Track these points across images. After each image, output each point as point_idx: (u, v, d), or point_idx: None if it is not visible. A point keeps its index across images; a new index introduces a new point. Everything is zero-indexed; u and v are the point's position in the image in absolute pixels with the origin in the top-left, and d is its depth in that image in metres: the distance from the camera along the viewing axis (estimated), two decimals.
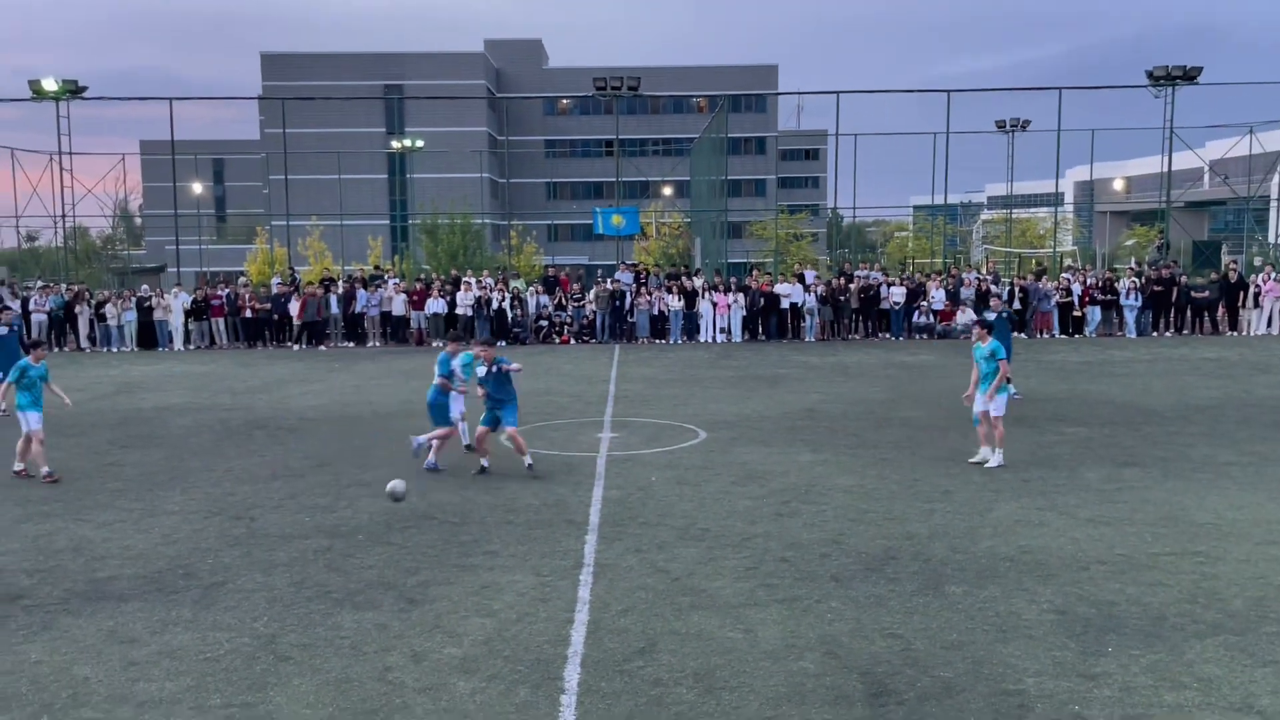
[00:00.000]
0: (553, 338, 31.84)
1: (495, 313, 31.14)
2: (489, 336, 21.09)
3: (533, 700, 6.34)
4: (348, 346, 30.93)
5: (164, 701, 6.37)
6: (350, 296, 31.68)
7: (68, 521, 10.65)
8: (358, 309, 31.57)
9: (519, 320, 31.59)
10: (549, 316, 32.01)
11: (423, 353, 29.02)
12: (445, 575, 8.77)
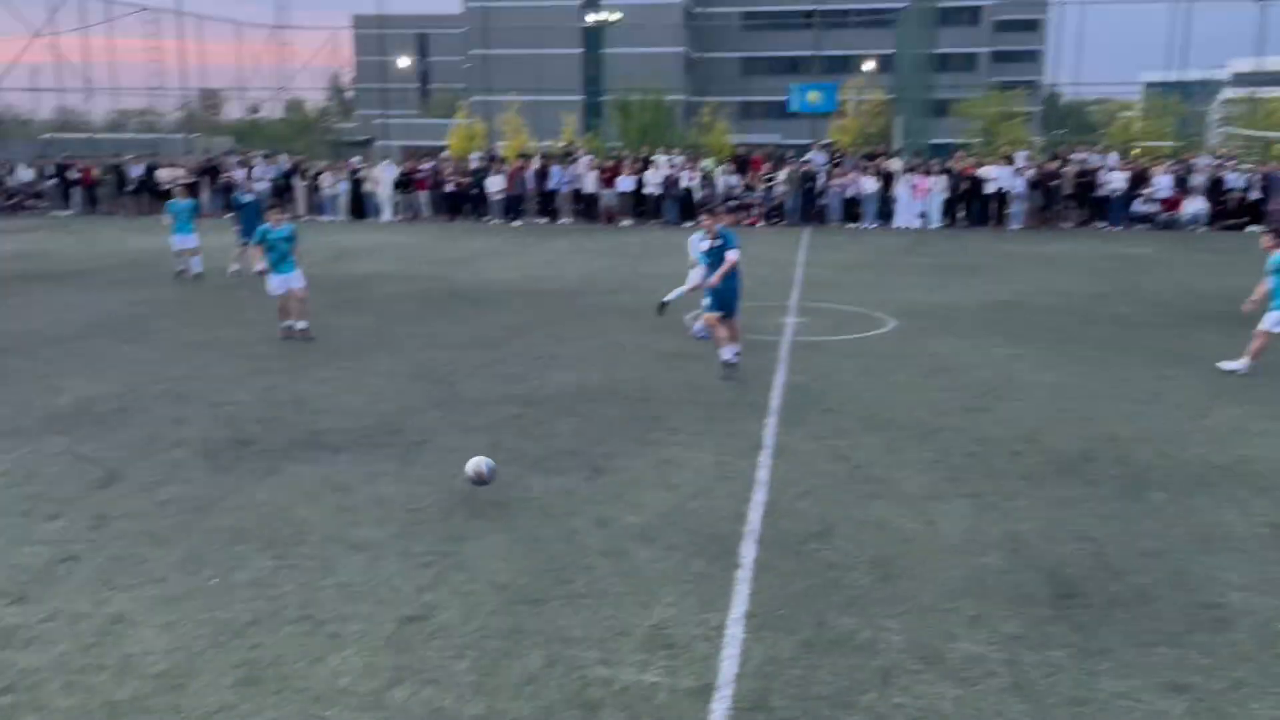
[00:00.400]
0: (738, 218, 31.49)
1: (683, 193, 31.02)
2: (724, 203, 19.68)
3: (708, 572, 6.54)
4: (541, 222, 31.69)
5: (372, 545, 6.96)
6: (544, 173, 32.27)
7: (290, 378, 11.59)
8: (551, 185, 32.16)
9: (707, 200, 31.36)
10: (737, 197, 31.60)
11: (612, 230, 29.41)
12: (629, 448, 9.05)
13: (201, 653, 5.55)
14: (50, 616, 5.94)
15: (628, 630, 5.80)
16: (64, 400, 10.60)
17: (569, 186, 32.12)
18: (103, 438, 9.31)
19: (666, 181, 30.98)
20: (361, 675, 5.32)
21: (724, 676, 5.34)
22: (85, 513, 7.51)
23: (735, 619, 5.95)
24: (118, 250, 23.38)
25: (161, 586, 6.33)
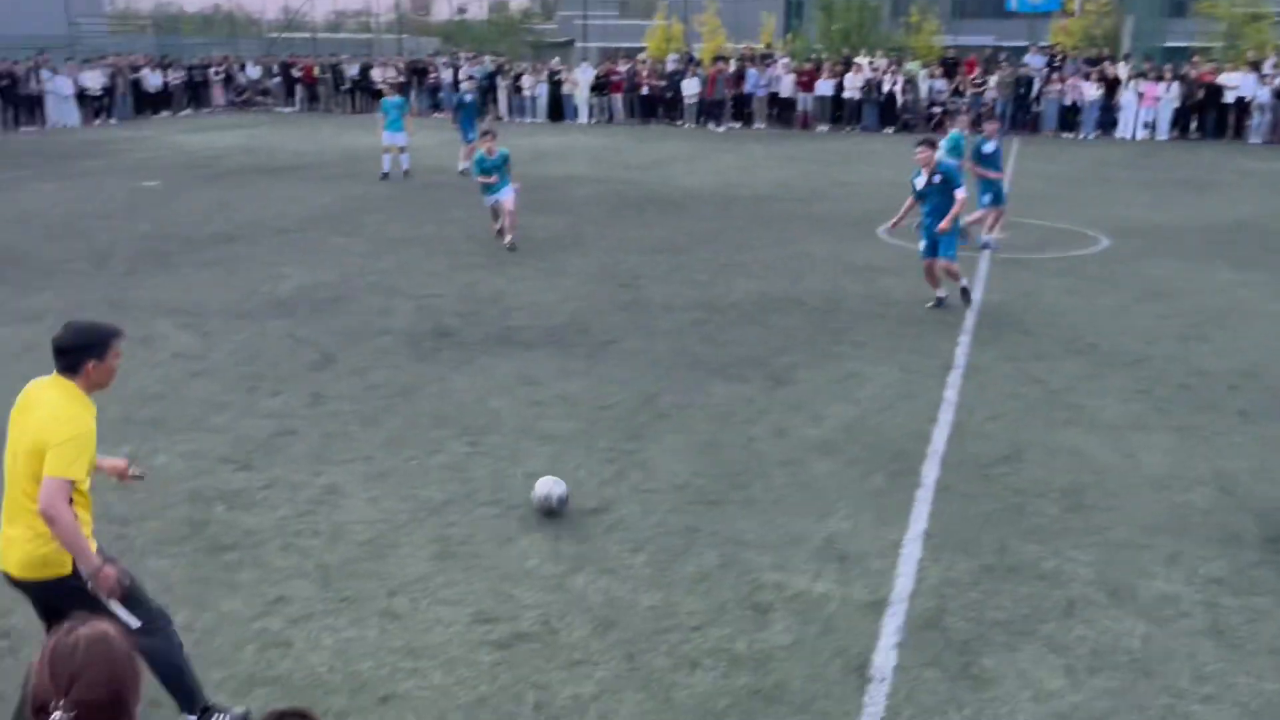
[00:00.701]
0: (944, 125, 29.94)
1: (884, 97, 29.71)
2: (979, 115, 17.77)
3: (887, 489, 6.46)
4: (735, 127, 31.21)
5: (559, 438, 7.25)
6: (740, 76, 31.61)
7: (488, 274, 12.06)
8: (747, 89, 31.50)
9: (909, 105, 29.93)
10: (943, 103, 29.99)
11: (808, 136, 28.64)
12: (812, 359, 8.97)
13: (402, 526, 5.98)
14: (271, 484, 6.54)
15: (801, 539, 5.84)
16: (285, 287, 11.44)
17: (765, 90, 31.36)
18: (319, 323, 10.02)
19: (867, 85, 29.75)
20: (545, 560, 5.61)
21: (898, 593, 5.31)
22: (303, 391, 8.16)
23: (912, 537, 5.87)
24: (334, 146, 24.75)
25: (368, 463, 6.84)
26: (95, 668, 1.92)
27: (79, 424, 3.78)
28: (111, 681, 1.93)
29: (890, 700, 4.47)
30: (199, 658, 4.71)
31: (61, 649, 1.93)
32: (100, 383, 3.96)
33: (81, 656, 1.91)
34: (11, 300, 10.79)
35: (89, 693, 1.89)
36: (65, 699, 1.87)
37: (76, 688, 1.88)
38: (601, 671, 4.65)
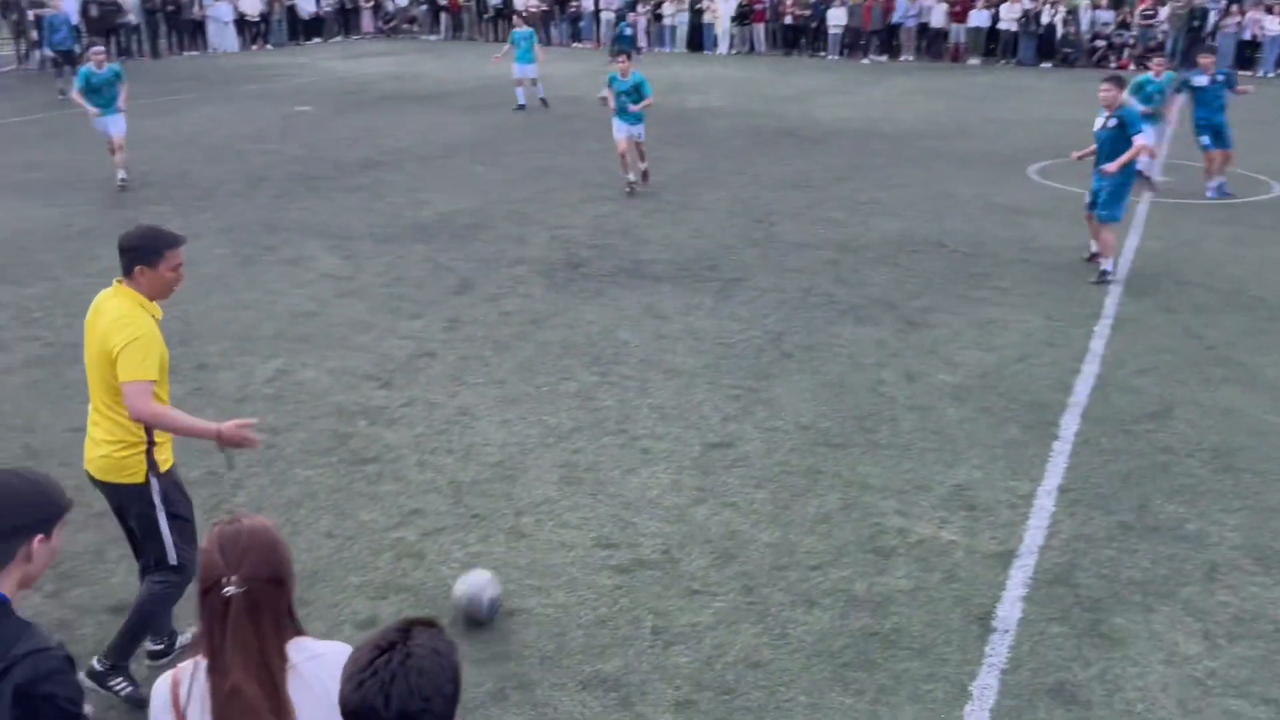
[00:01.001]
0: (1108, 60, 28.17)
1: (1043, 29, 28.09)
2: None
3: (1022, 440, 6.27)
4: (881, 60, 30.13)
5: (685, 372, 7.28)
6: (888, 6, 30.38)
7: (620, 207, 12.10)
8: (895, 19, 30.28)
9: (1069, 39, 28.22)
10: (1107, 36, 28.16)
11: (958, 69, 27.42)
12: (949, 304, 8.70)
13: (531, 450, 6.15)
14: (409, 402, 6.81)
15: (928, 486, 5.74)
16: (426, 213, 11.75)
17: (915, 20, 30.07)
18: (458, 249, 10.28)
19: (1024, 16, 28.15)
20: (668, 490, 5.69)
21: (1027, 545, 5.17)
22: (441, 315, 8.42)
23: (1047, 490, 5.70)
24: (475, 74, 25.07)
25: (501, 388, 7.03)
26: (259, 550, 2.17)
27: (137, 327, 3.75)
28: (273, 562, 2.19)
29: (1013, 653, 4.39)
30: (339, 563, 5.00)
31: (228, 534, 2.18)
32: (153, 291, 3.88)
33: (246, 540, 2.16)
34: (173, 218, 11.43)
35: (255, 570, 2.14)
36: (236, 575, 2.13)
37: (245, 565, 2.14)
38: (719, 602, 4.71)
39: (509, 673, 4.27)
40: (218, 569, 2.14)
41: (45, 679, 2.08)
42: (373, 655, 1.72)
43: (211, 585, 2.15)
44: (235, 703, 2.13)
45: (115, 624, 4.52)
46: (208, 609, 2.16)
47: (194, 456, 6.08)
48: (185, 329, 7.99)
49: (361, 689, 1.69)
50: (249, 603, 2.14)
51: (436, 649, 1.76)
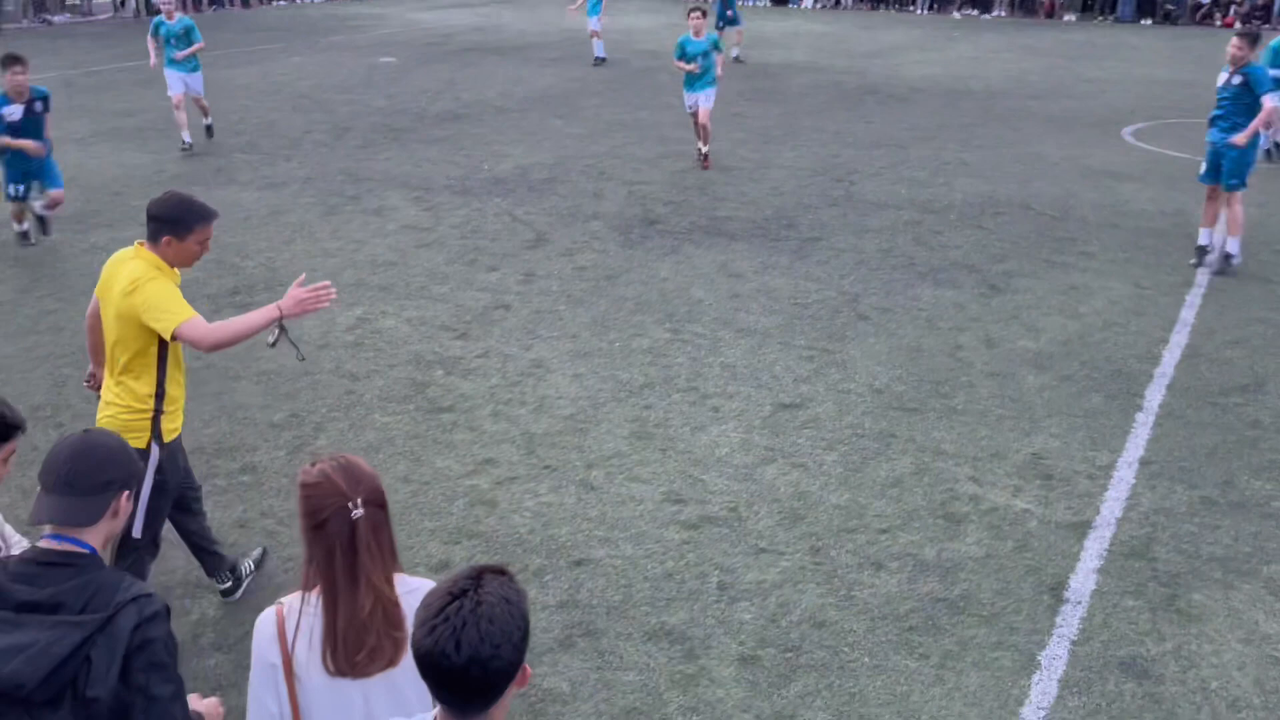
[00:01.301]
0: (1213, 17, 26.85)
1: None
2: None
3: (1104, 409, 6.12)
4: (972, 14, 29.18)
5: (758, 332, 7.25)
6: None
7: (698, 163, 12.00)
8: None
9: None
10: None
11: (1052, 25, 26.43)
12: (1033, 268, 8.48)
13: (602, 405, 6.21)
14: (485, 354, 6.91)
15: (1004, 454, 5.64)
16: (505, 166, 11.82)
17: None
18: (534, 203, 10.33)
19: None
20: (737, 449, 5.70)
21: (1104, 517, 5.07)
22: (517, 268, 8.49)
23: (1127, 462, 5.56)
24: (557, 27, 24.98)
25: (574, 342, 7.09)
26: (369, 477, 2.30)
27: (157, 283, 3.69)
28: (380, 489, 2.31)
29: (1084, 624, 4.33)
30: (414, 508, 5.13)
31: (336, 465, 2.29)
32: (176, 261, 3.81)
33: (356, 469, 2.29)
34: (261, 167, 11.68)
35: (372, 494, 2.27)
36: (358, 498, 2.24)
37: (363, 489, 2.26)
38: (786, 561, 4.72)
39: (576, 620, 4.35)
40: (340, 494, 2.22)
41: (149, 622, 2.18)
42: (445, 601, 1.76)
43: (333, 513, 2.21)
44: (376, 612, 2.21)
45: None
46: (328, 537, 2.21)
47: (278, 400, 6.28)
48: (270, 275, 8.21)
49: (433, 634, 1.74)
50: (372, 525, 2.23)
51: (507, 597, 1.80)
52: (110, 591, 2.17)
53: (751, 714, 3.87)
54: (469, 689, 1.74)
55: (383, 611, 2.23)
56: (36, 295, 7.80)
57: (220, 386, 6.39)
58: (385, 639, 2.23)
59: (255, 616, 4.00)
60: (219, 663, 4.10)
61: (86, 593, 2.15)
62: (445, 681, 1.74)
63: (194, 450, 5.64)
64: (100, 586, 2.18)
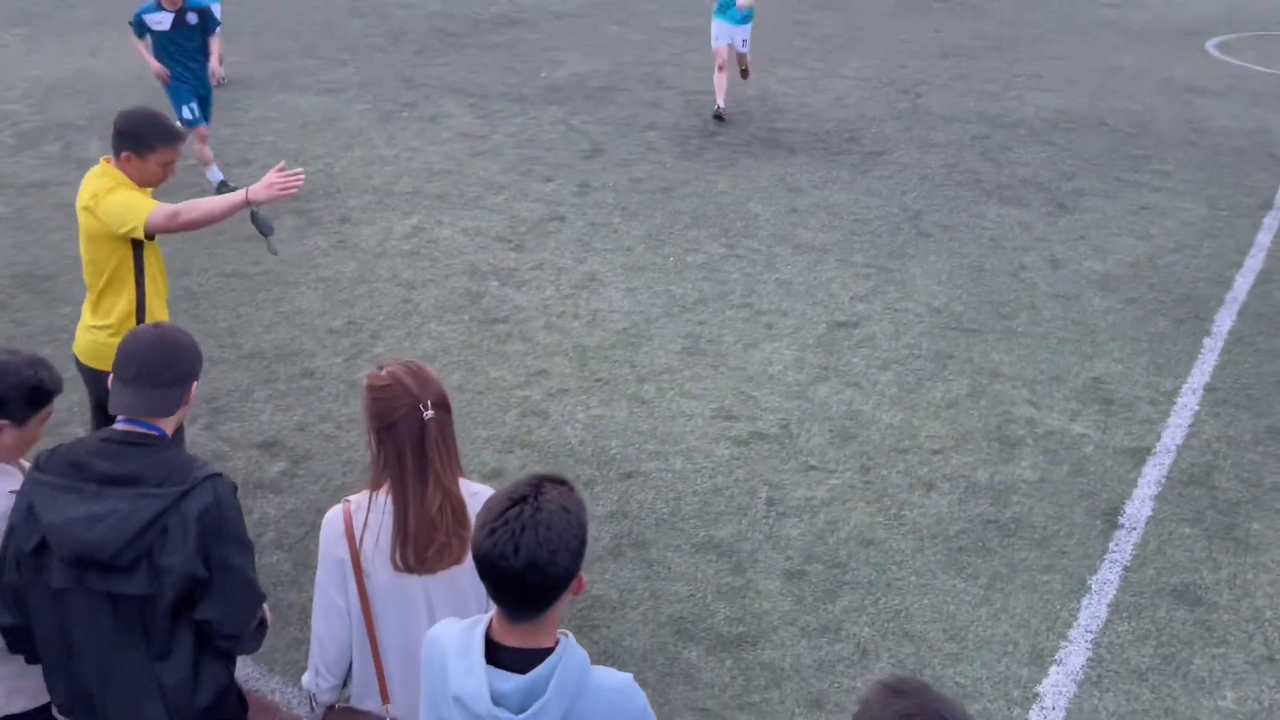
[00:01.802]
0: None
1: None
2: None
3: (1171, 334, 5.96)
4: None
5: (815, 248, 7.13)
6: None
7: (758, 73, 11.69)
8: None
9: None
10: None
11: None
12: (1104, 187, 8.20)
13: (655, 320, 6.19)
14: (539, 265, 6.90)
15: (1064, 377, 5.54)
16: (561, 73, 11.63)
17: None
18: (591, 112, 10.18)
19: None
20: (790, 366, 5.66)
21: (1164, 444, 4.98)
22: (572, 179, 8.42)
23: (1191, 388, 5.43)
24: None
25: (628, 255, 7.04)
26: (436, 382, 2.35)
27: (116, 193, 3.56)
28: (444, 391, 2.36)
29: (1138, 551, 4.28)
30: (468, 417, 5.20)
31: (403, 368, 2.33)
32: (137, 179, 3.63)
33: (422, 371, 2.33)
34: (318, 72, 11.64)
35: (439, 396, 2.33)
36: (429, 399, 2.30)
37: (431, 393, 2.30)
38: (835, 480, 4.72)
39: (625, 531, 4.41)
40: (411, 396, 2.26)
41: (224, 498, 2.30)
42: (505, 506, 1.80)
43: (404, 414, 2.26)
44: (445, 510, 2.27)
45: (262, 459, 4.85)
46: (399, 438, 2.26)
47: (336, 307, 6.35)
48: (328, 182, 8.23)
49: (493, 536, 1.77)
50: (440, 426, 2.28)
51: (566, 506, 1.82)
52: (186, 469, 2.30)
53: (796, 627, 3.91)
54: (525, 593, 1.78)
55: (451, 510, 2.28)
56: None
57: (279, 293, 6.48)
58: (454, 536, 2.29)
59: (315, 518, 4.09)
60: (279, 560, 4.24)
61: (164, 469, 2.28)
62: (503, 584, 1.78)
63: (253, 355, 5.76)
64: (177, 464, 2.31)
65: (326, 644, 2.36)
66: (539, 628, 1.83)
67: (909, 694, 1.62)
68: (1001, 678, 3.70)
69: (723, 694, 3.64)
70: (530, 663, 1.80)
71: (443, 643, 1.89)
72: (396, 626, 2.33)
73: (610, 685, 1.87)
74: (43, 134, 9.24)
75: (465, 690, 1.79)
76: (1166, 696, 3.62)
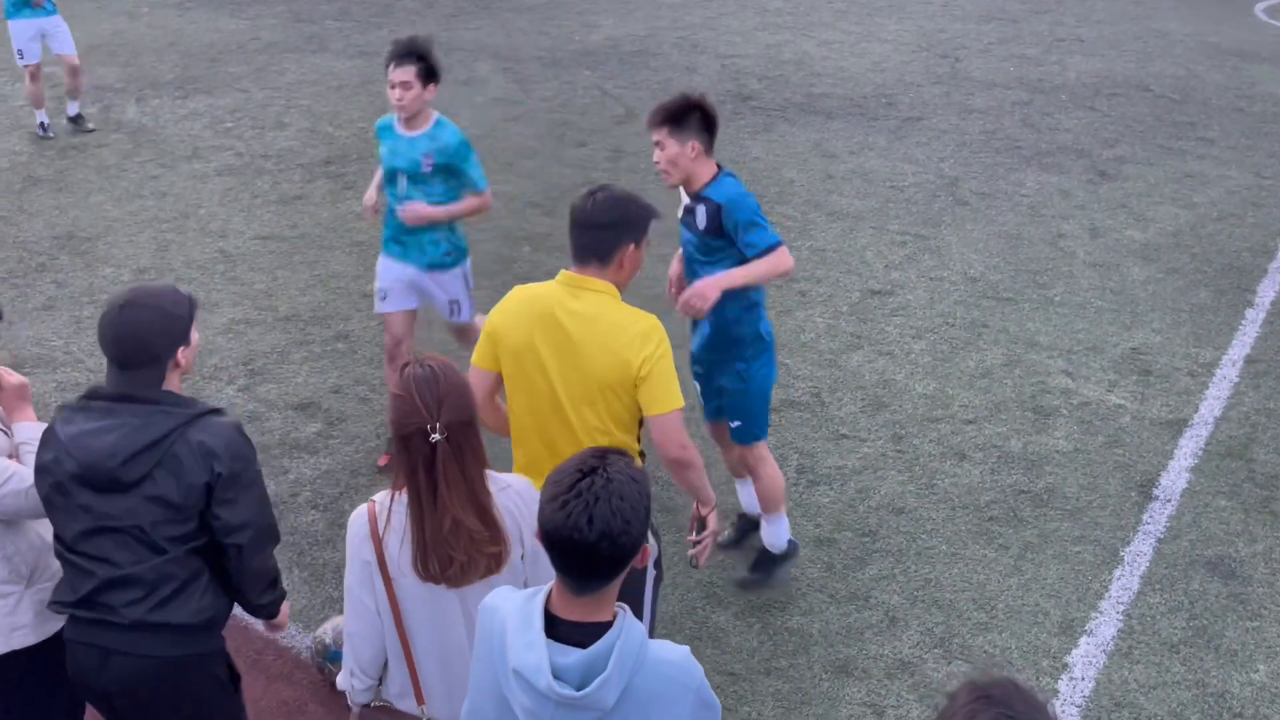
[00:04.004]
0: None
1: None
2: None
3: (1212, 305, 5.86)
4: None
5: (850, 215, 7.07)
6: None
7: (795, 35, 11.55)
8: None
9: None
10: None
11: None
12: (1147, 154, 8.04)
13: None
14: None
15: (1101, 347, 5.47)
16: (595, 37, 11.55)
17: None
18: (625, 76, 10.11)
19: None
20: (822, 334, 5.64)
21: (1202, 416, 4.91)
22: (605, 144, 8.38)
23: (1232, 360, 5.35)
24: None
25: (661, 222, 6.96)
26: (454, 394, 2.16)
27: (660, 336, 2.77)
28: (467, 405, 2.18)
29: (1172, 523, 4.25)
30: None
31: (422, 379, 2.16)
32: (629, 279, 2.90)
33: (443, 386, 2.15)
34: (353, 35, 11.63)
35: (455, 414, 2.14)
36: (439, 421, 2.12)
37: (445, 410, 2.13)
38: (867, 448, 4.71)
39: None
40: (420, 416, 2.13)
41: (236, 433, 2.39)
42: (576, 479, 1.78)
43: (413, 432, 2.15)
44: (458, 535, 2.17)
45: (298, 420, 4.91)
46: (410, 454, 2.16)
47: (370, 270, 6.38)
48: (363, 146, 8.26)
49: (566, 509, 1.75)
50: (454, 446, 2.15)
51: (633, 476, 1.82)
52: (190, 403, 2.40)
53: (825, 593, 3.93)
54: (596, 564, 1.77)
55: (469, 531, 2.17)
56: (139, 160, 8.00)
57: (315, 256, 6.52)
58: (477, 555, 2.19)
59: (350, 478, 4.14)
60: (314, 519, 4.30)
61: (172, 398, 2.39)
62: (574, 556, 1.76)
63: (290, 317, 5.81)
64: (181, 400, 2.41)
65: (359, 645, 2.31)
66: (600, 600, 1.82)
67: (996, 700, 1.50)
68: (1031, 647, 3.70)
69: (750, 658, 3.67)
70: (589, 637, 1.79)
71: (502, 613, 1.87)
72: (431, 630, 2.27)
73: (669, 659, 1.85)
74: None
75: (525, 664, 1.78)
76: (1198, 669, 3.61)
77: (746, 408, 3.75)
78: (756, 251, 3.48)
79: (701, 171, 3.63)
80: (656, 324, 2.78)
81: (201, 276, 6.20)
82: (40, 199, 7.24)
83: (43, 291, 6.04)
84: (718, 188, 3.59)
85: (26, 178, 7.58)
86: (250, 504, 2.41)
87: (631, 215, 2.84)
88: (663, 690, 1.82)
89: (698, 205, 3.68)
